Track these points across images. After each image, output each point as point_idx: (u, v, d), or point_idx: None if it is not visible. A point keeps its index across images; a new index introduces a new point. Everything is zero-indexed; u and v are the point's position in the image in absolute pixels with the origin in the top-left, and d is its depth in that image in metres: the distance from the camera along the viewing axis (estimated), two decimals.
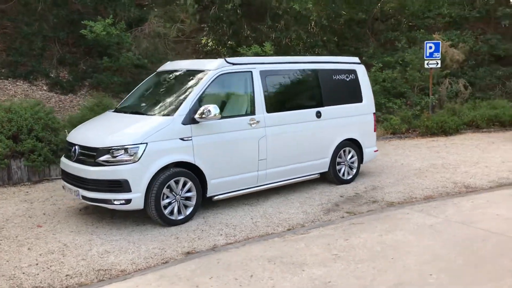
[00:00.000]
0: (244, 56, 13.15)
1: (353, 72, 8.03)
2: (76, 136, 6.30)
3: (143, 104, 6.76)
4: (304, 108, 7.29)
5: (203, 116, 5.94)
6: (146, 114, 6.25)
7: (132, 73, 13.40)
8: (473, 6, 18.74)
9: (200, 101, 6.11)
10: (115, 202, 5.68)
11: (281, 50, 14.82)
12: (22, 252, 5.18)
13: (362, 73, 8.17)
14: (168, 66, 7.46)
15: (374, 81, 13.72)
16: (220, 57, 16.74)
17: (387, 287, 4.06)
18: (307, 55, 15.87)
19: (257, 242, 5.25)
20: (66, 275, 4.59)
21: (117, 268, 4.74)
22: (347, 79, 7.92)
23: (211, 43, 16.35)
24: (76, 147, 6.03)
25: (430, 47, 14.25)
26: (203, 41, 16.33)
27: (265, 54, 13.30)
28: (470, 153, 10.25)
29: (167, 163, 5.81)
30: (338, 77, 7.79)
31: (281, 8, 14.91)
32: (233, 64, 6.57)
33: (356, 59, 8.35)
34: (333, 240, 5.21)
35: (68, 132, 9.06)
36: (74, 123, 8.90)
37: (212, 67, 6.41)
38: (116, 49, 12.76)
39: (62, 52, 13.44)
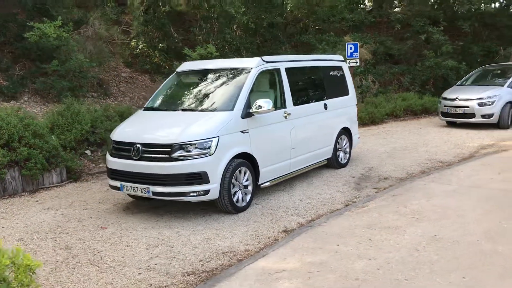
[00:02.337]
0: (189, 57, 13.53)
1: (341, 68, 9.06)
2: (132, 135, 6.34)
3: (190, 102, 6.97)
4: (316, 101, 8.13)
5: (258, 110, 6.45)
6: (204, 111, 6.53)
7: (76, 77, 12.89)
8: (369, 12, 21.16)
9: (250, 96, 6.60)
10: (192, 194, 5.93)
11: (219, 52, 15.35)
12: (123, 250, 5.22)
13: (346, 69, 9.24)
14: (190, 66, 7.74)
15: None
16: (151, 59, 16.79)
17: (476, 235, 5.09)
18: (236, 57, 16.61)
19: (335, 217, 5.95)
20: (200, 260, 4.84)
21: (238, 249, 5.11)
22: (338, 75, 8.93)
23: (141, 45, 16.25)
24: (138, 145, 6.10)
25: (351, 48, 15.87)
26: (133, 44, 16.16)
27: (211, 55, 13.77)
28: (412, 137, 11.97)
29: (235, 154, 6.21)
30: (333, 73, 8.76)
31: (216, 12, 15.44)
32: (267, 62, 7.15)
33: (341, 57, 9.41)
34: (395, 209, 6.14)
35: (56, 137, 8.79)
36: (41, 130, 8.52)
37: (253, 65, 6.92)
38: (63, 52, 12.22)
39: None
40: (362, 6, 22.65)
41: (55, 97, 12.39)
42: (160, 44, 16.54)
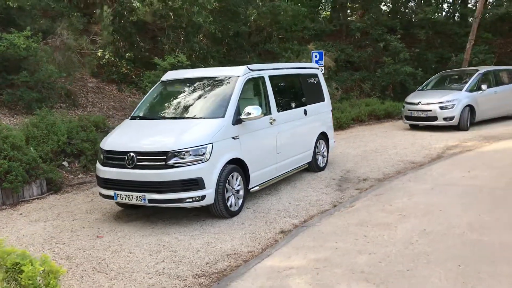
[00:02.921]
0: (159, 66, 13.61)
1: (316, 76, 9.42)
2: (125, 144, 6.40)
3: (180, 110, 7.08)
4: (297, 107, 8.42)
5: (248, 116, 6.67)
6: (195, 118, 6.67)
7: (45, 87, 12.68)
8: (329, 21, 21.84)
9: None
10: (188, 200, 6.05)
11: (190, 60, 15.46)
12: (127, 256, 5.29)
13: (321, 76, 9.60)
14: (175, 75, 7.86)
15: None
16: (118, 69, 16.69)
17: (461, 227, 5.49)
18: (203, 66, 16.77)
19: (327, 217, 6.23)
20: (207, 263, 4.99)
21: (241, 250, 5.28)
22: (315, 82, 9.28)
23: (108, 55, 16.13)
24: (132, 154, 6.18)
25: (316, 56, 16.37)
26: (99, 54, 16.01)
27: (182, 64, 13.87)
28: (380, 140, 12.49)
29: (228, 160, 6.39)
30: (310, 80, 9.10)
31: (184, 21, 15.54)
32: (252, 70, 7.39)
33: (316, 65, 9.77)
34: (381, 207, 6.48)
35: (32, 148, 8.69)
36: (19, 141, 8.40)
37: (240, 73, 7.14)
38: (31, 62, 12.01)
39: None
40: (322, 15, 23.33)
41: (23, 109, 12.15)
42: (127, 54, 16.49)
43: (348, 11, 25.51)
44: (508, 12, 22.98)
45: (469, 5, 27.44)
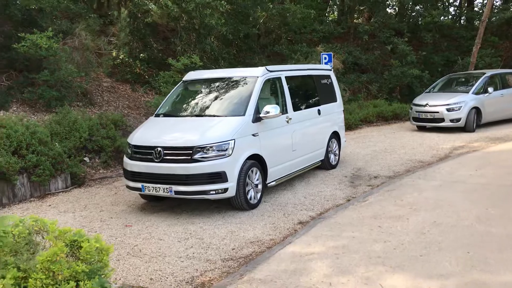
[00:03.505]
0: (173, 67, 14.03)
1: (329, 77, 9.80)
2: (152, 139, 6.79)
3: (202, 108, 7.47)
4: (311, 107, 8.80)
5: (267, 114, 7.06)
6: (217, 116, 7.06)
7: (64, 86, 13.10)
8: (337, 23, 22.21)
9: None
10: (211, 192, 6.44)
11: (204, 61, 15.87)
12: (157, 243, 5.68)
13: (333, 77, 9.99)
14: (196, 75, 8.26)
15: None
16: (132, 69, 17.11)
17: (469, 220, 5.86)
18: (215, 67, 17.18)
19: (342, 210, 6.61)
20: (233, 249, 5.37)
21: (263, 238, 5.67)
22: (328, 83, 9.66)
23: (122, 56, 16.55)
24: (159, 148, 6.57)
25: (325, 58, 16.72)
26: (113, 54, 16.43)
27: (195, 65, 14.28)
28: (389, 141, 12.85)
29: (248, 156, 6.78)
30: (323, 81, 9.48)
31: (196, 23, 15.96)
32: (270, 71, 7.78)
33: (329, 67, 10.15)
34: (393, 202, 6.85)
35: (57, 144, 9.10)
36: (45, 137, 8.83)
37: (259, 74, 7.53)
38: (52, 62, 12.44)
39: None
40: (330, 18, 23.70)
41: (43, 107, 12.56)
42: (141, 54, 16.91)
43: (355, 14, 25.91)
44: None
45: (476, 9, 27.79)
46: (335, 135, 9.65)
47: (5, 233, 3.46)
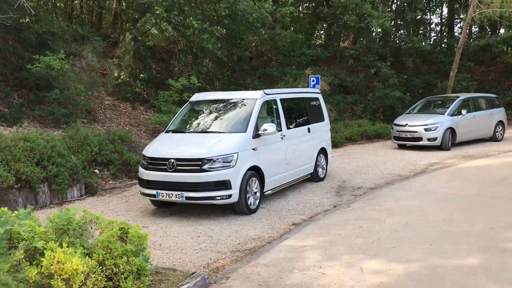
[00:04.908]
0: (173, 87, 15.15)
1: (318, 99, 10.98)
2: (165, 152, 7.84)
3: (208, 125, 8.56)
4: (302, 126, 9.94)
5: (265, 131, 8.18)
6: (222, 132, 8.16)
7: (71, 104, 14.11)
8: (324, 47, 23.60)
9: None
10: (218, 198, 7.50)
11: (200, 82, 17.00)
12: (173, 239, 6.69)
13: (321, 99, 11.17)
14: (201, 96, 9.38)
15: None
16: (132, 88, 18.18)
17: (436, 221, 6.98)
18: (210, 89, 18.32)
19: (330, 214, 7.70)
20: (238, 243, 6.42)
21: (263, 236, 6.72)
22: (316, 104, 10.84)
23: (123, 76, 17.62)
24: (172, 160, 7.63)
25: (313, 80, 17.96)
26: (115, 74, 17.50)
27: (193, 85, 15.42)
28: (371, 157, 14.03)
29: (249, 167, 7.86)
30: (312, 103, 10.65)
31: (194, 47, 17.13)
32: (267, 94, 8.92)
33: (317, 90, 11.35)
34: (373, 207, 7.97)
35: (73, 156, 10.08)
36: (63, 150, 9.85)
37: (258, 96, 8.67)
38: (62, 82, 13.47)
39: None
40: (317, 42, 25.09)
41: (52, 123, 13.54)
42: (141, 75, 18.02)
43: (341, 41, 27.41)
44: (489, 43, 24.96)
45: (456, 34, 29.48)
46: (323, 151, 10.78)
47: (71, 221, 4.49)
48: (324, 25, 27.15)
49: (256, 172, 8.12)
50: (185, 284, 4.72)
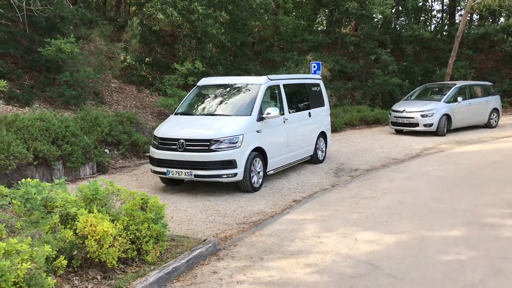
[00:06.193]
0: (178, 71, 15.62)
1: (319, 85, 11.49)
2: (175, 133, 8.38)
3: (216, 108, 9.09)
4: (303, 110, 10.46)
5: (268, 115, 8.71)
6: (228, 115, 8.69)
7: (80, 86, 14.60)
8: (326, 33, 23.99)
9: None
10: (224, 176, 8.06)
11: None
12: (184, 213, 7.27)
13: (322, 85, 11.68)
14: (208, 81, 9.89)
15: None
16: (137, 72, 18.63)
17: (426, 200, 7.56)
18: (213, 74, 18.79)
19: (328, 192, 8.28)
20: (244, 217, 7.00)
21: (267, 211, 7.30)
22: (317, 90, 11.35)
23: (129, 59, 18.07)
24: (182, 140, 8.17)
25: (314, 66, 18.42)
26: (121, 57, 17.95)
27: (198, 70, 15.89)
28: (369, 142, 14.58)
29: (253, 148, 8.41)
30: (314, 88, 11.16)
31: (199, 32, 17.57)
32: (271, 80, 9.43)
33: (318, 76, 11.85)
34: (368, 187, 8.54)
35: (86, 136, 10.59)
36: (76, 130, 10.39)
37: (262, 81, 9.18)
38: (71, 64, 13.95)
39: (6, 67, 13.94)
40: (319, 28, 25.45)
41: (62, 104, 14.05)
42: (147, 59, 18.46)
43: (342, 27, 27.75)
44: (488, 31, 25.35)
45: (457, 21, 29.76)
46: (323, 135, 11.32)
47: (98, 191, 5.05)
48: (326, 11, 27.47)
49: (259, 153, 8.66)
50: (198, 249, 5.31)
